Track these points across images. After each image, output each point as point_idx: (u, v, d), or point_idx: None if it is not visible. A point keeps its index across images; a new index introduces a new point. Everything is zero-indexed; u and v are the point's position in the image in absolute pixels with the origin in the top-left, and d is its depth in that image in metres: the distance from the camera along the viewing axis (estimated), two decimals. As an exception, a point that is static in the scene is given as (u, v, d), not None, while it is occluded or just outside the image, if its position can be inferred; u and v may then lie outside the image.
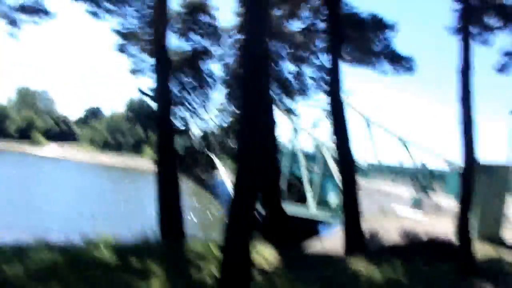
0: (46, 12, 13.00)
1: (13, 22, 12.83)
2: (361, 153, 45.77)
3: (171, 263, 8.05)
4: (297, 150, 42.11)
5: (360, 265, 9.67)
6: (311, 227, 29.07)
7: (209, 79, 15.59)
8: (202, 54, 14.02)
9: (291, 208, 39.78)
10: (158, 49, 10.91)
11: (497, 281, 8.77)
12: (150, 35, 11.70)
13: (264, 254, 9.76)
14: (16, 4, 12.63)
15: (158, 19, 10.90)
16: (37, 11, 12.92)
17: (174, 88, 15.19)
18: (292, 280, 7.88)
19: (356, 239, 12.23)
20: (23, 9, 12.75)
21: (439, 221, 15.73)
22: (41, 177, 55.25)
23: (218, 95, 17.70)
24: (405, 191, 23.27)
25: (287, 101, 16.95)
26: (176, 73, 14.60)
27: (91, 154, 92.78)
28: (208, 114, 16.34)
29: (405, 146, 34.60)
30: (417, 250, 12.53)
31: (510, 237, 13.82)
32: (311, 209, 37.23)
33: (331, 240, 15.09)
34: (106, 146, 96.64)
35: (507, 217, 14.94)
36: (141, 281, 6.96)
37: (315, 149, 36.55)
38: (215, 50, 15.34)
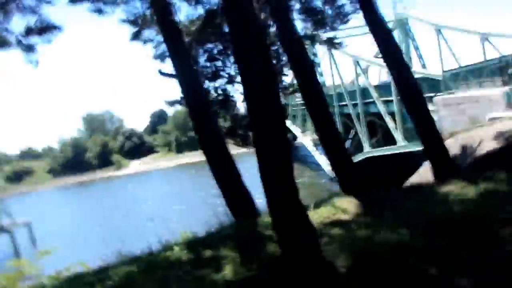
0: (56, 27, 12.81)
1: (29, 48, 12.71)
2: (435, 64, 43.91)
3: (243, 242, 7.85)
4: (366, 85, 41.18)
5: (450, 187, 8.99)
6: (408, 162, 27.86)
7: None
8: (215, 13, 13.34)
9: (380, 150, 39.42)
10: (162, 21, 10.53)
11: None
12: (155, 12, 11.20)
13: (342, 206, 9.35)
14: (24, 28, 12.48)
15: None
16: (47, 28, 12.74)
17: (202, 60, 14.72)
18: (370, 223, 7.42)
19: (442, 161, 11.39)
20: (32, 31, 12.59)
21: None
22: (129, 194, 58.24)
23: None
24: (496, 90, 21.65)
25: (326, 32, 15.78)
26: (199, 44, 14.11)
27: (169, 158, 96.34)
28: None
29: (487, 39, 32.53)
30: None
31: None
32: (400, 144, 36.32)
33: (424, 171, 14.29)
34: (180, 145, 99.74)
35: None
36: (212, 270, 6.81)
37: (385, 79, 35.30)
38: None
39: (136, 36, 13.78)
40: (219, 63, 15.07)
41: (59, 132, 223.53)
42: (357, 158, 42.80)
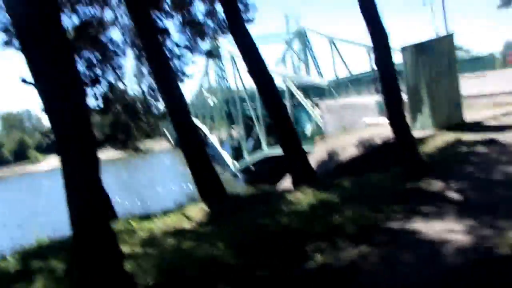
0: None
1: None
2: (326, 72, 44.89)
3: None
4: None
5: (298, 195, 8.53)
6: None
7: (111, 47, 13.84)
8: (93, 23, 12.34)
9: (271, 150, 39.60)
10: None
11: (447, 178, 7.49)
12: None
13: (191, 214, 8.63)
14: None
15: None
16: None
17: (81, 68, 13.49)
18: (204, 234, 6.75)
19: (300, 168, 10.93)
20: None
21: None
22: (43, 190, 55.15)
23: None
24: (370, 99, 21.98)
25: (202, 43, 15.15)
26: (78, 53, 12.92)
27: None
28: (125, 83, 14.65)
29: (368, 52, 33.49)
30: (373, 158, 11.44)
31: (474, 117, 12.51)
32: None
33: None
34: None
35: (465, 95, 13.62)
36: (26, 285, 5.84)
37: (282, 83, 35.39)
38: (107, 15, 13.59)
39: (7, 43, 12.62)
40: (98, 71, 13.91)
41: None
42: (257, 156, 42.81)
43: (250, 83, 48.49)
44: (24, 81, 10.78)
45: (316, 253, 4.98)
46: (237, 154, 50.18)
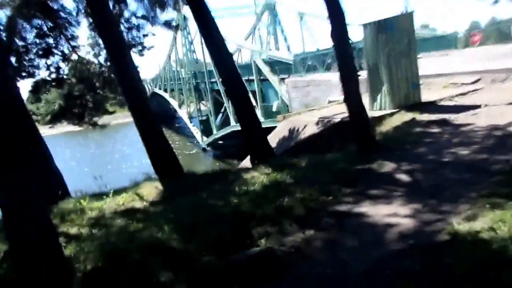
0: None
1: None
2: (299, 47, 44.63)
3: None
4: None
5: (253, 173, 8.43)
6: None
7: (63, 14, 13.17)
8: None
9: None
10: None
11: (399, 160, 7.51)
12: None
13: (144, 192, 8.44)
14: None
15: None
16: None
17: (31, 37, 12.82)
18: (154, 214, 6.60)
19: (257, 146, 10.77)
20: None
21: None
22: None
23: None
24: (335, 75, 21.85)
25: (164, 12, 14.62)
26: (28, 20, 12.28)
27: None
28: (79, 54, 14.03)
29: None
30: (331, 136, 11.40)
31: (431, 96, 12.57)
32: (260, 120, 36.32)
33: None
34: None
35: (425, 74, 13.66)
36: None
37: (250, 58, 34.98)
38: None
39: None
40: (50, 40, 13.24)
41: None
42: (226, 131, 42.55)
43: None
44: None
45: (262, 238, 4.91)
46: (206, 128, 49.78)
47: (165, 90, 67.88)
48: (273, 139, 13.27)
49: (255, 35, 50.07)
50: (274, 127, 15.53)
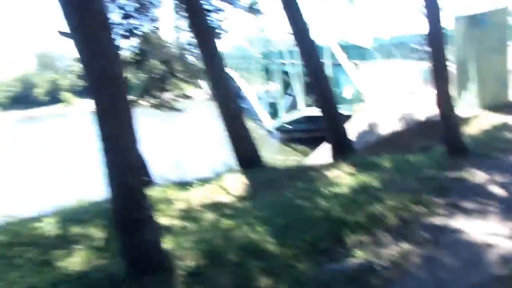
0: None
1: None
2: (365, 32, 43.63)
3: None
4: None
5: (337, 172, 8.61)
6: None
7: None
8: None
9: (308, 110, 39.25)
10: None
11: (492, 168, 7.40)
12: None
13: (228, 185, 8.80)
14: None
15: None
16: None
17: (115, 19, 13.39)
18: (243, 211, 6.93)
19: (339, 141, 10.87)
20: None
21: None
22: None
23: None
24: (415, 66, 21.32)
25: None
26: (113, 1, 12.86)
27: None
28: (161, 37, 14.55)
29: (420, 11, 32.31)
30: (415, 134, 11.32)
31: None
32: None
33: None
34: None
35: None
36: (64, 255, 6.13)
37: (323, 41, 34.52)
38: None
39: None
40: (133, 21, 13.82)
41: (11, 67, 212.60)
42: (294, 116, 42.56)
43: (290, 37, 47.83)
44: (61, 33, 10.85)
45: (356, 248, 5.09)
46: (273, 111, 49.94)
47: (233, 69, 68.50)
48: (350, 132, 13.31)
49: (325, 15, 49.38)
50: (346, 116, 15.48)
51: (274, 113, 49.39)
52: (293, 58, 42.73)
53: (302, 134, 39.47)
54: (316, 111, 38.61)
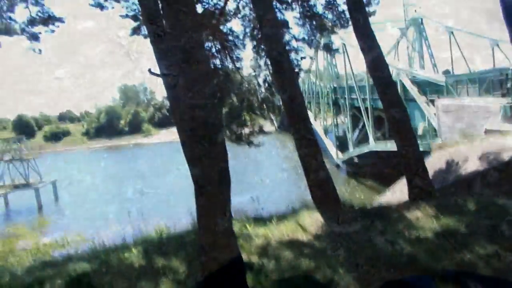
0: (58, 19, 12.66)
1: (33, 37, 12.67)
2: (444, 65, 42.25)
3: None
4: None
5: (417, 213, 8.14)
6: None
7: (231, 38, 14.03)
8: (214, 12, 12.59)
9: (378, 145, 38.32)
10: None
11: None
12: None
13: (305, 223, 8.55)
14: (28, 18, 12.44)
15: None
16: (50, 19, 12.61)
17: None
18: (321, 251, 6.65)
19: (418, 180, 10.27)
20: (36, 21, 12.54)
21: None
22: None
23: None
24: (494, 102, 20.27)
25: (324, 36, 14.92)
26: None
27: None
28: (242, 75, 14.79)
29: (497, 46, 31.01)
30: (499, 176, 10.58)
31: None
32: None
33: (403, 184, 13.30)
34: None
35: None
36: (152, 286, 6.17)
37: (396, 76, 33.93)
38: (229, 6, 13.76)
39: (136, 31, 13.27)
40: (217, 61, 14.19)
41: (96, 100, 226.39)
42: (363, 150, 41.80)
43: (360, 72, 47.53)
44: (151, 72, 11.23)
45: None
46: (341, 144, 49.42)
47: (302, 103, 68.75)
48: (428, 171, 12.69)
49: (398, 51, 48.64)
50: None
51: (342, 147, 48.81)
52: (363, 93, 42.34)
53: (369, 169, 38.59)
54: (385, 146, 38.14)
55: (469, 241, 6.09)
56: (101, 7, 12.24)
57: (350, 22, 13.96)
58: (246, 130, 15.26)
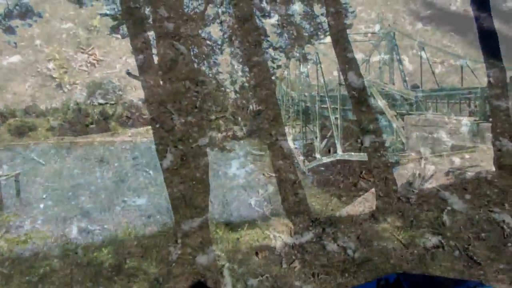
0: (36, 14, 12.59)
1: (9, 30, 12.54)
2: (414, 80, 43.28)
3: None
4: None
5: (385, 225, 8.32)
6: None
7: (209, 43, 13.99)
8: (195, 17, 12.57)
9: (345, 155, 38.74)
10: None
11: None
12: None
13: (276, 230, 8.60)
14: (6, 12, 12.33)
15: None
16: (28, 14, 12.51)
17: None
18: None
19: (387, 192, 10.49)
20: (14, 15, 12.43)
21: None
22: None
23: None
24: (462, 119, 20.76)
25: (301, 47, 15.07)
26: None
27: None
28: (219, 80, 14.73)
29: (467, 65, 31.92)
30: (461, 190, 10.85)
31: None
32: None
33: (372, 194, 13.54)
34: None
35: None
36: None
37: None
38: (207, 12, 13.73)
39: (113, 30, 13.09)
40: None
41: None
42: (330, 158, 42.14)
43: (331, 82, 47.98)
44: (129, 73, 11.22)
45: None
46: (308, 152, 49.69)
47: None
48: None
49: (369, 64, 49.29)
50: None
51: (308, 155, 49.11)
52: (333, 102, 42.70)
53: (335, 177, 38.95)
54: (353, 156, 38.68)
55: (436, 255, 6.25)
56: (81, 3, 12.12)
57: (327, 33, 14.18)
58: (220, 136, 15.22)
